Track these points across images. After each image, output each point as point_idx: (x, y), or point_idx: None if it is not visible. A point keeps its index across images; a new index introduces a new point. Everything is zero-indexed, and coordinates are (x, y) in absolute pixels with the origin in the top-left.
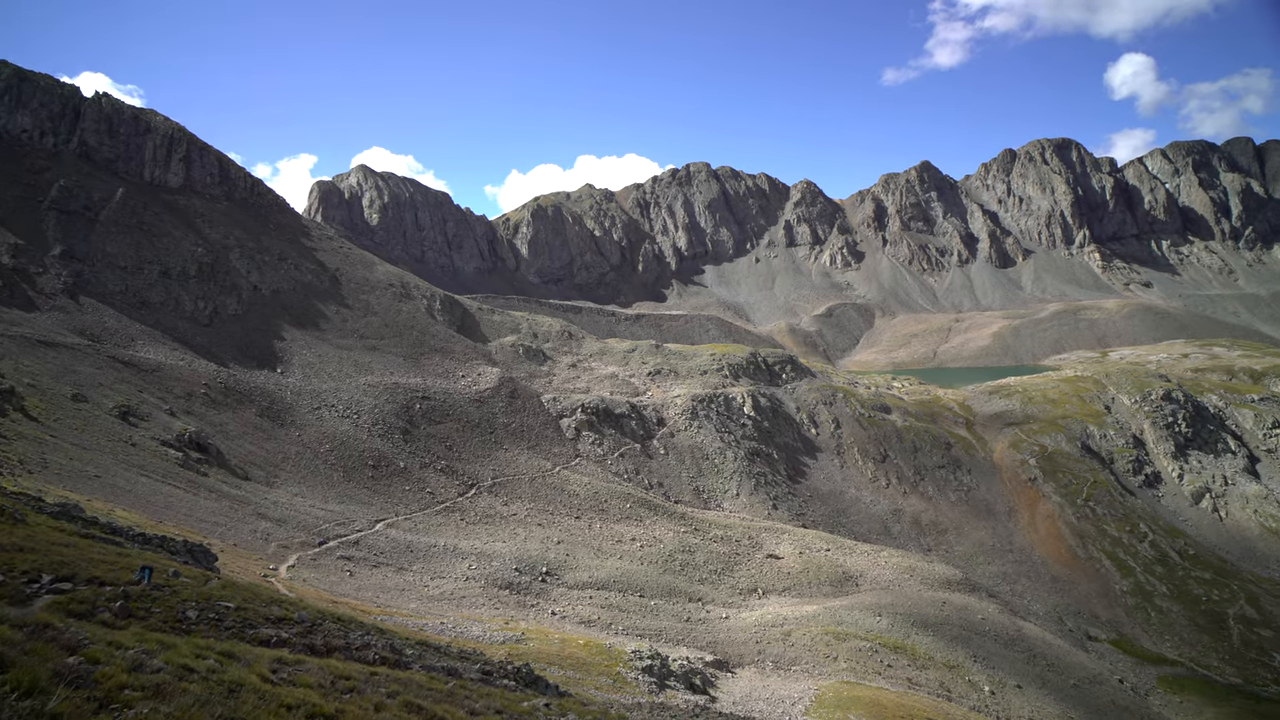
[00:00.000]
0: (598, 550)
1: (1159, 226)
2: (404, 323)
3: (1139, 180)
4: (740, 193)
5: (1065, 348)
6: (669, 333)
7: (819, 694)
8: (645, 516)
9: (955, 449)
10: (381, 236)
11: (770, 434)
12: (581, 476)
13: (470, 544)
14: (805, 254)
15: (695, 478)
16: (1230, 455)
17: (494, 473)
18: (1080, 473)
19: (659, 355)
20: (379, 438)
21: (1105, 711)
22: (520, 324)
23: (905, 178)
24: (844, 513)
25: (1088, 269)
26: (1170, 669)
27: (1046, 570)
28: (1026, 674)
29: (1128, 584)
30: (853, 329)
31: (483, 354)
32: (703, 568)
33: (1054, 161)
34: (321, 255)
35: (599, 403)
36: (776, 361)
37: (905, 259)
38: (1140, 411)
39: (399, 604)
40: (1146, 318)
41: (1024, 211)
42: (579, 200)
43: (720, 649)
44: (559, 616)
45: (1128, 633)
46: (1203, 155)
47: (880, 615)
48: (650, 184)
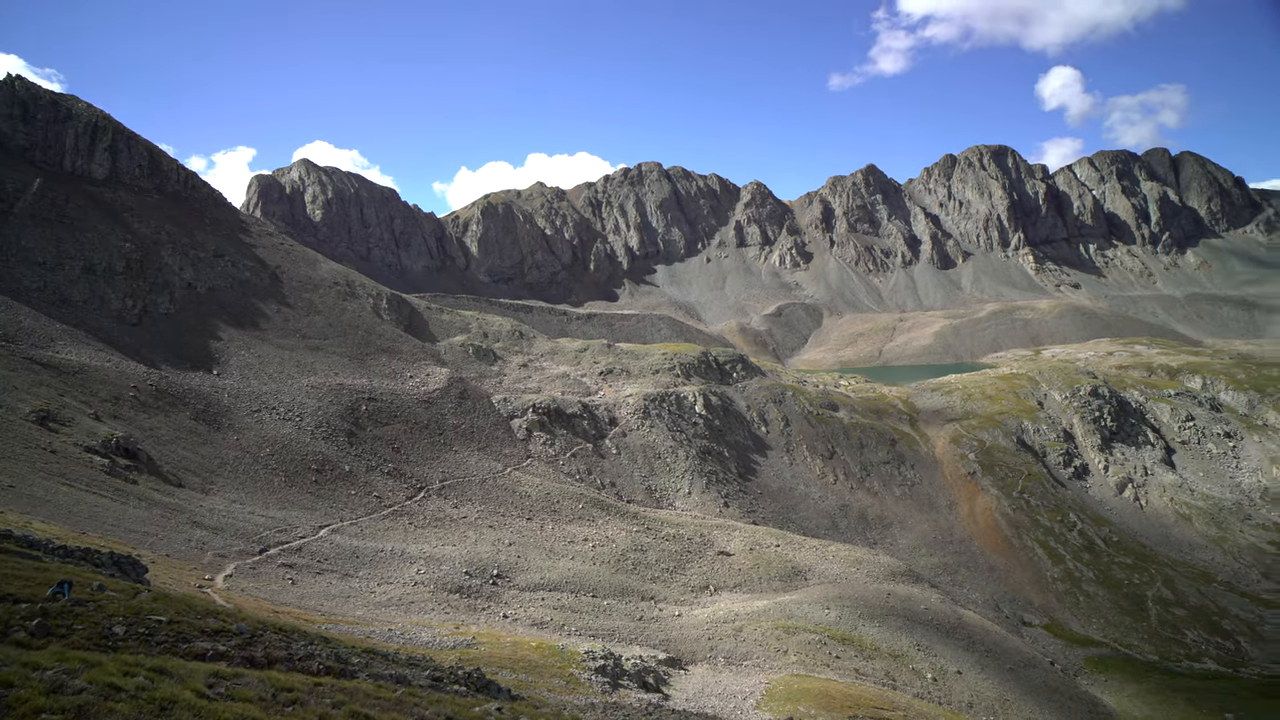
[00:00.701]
0: (550, 551)
1: (1087, 231)
2: (349, 322)
3: (1068, 187)
4: (692, 193)
5: (1002, 346)
6: (621, 332)
7: (770, 687)
8: (597, 516)
9: (899, 445)
10: (325, 233)
11: (721, 432)
12: (533, 477)
13: (419, 548)
14: (755, 254)
15: (647, 477)
16: (1150, 447)
17: (443, 475)
18: (1016, 466)
19: (611, 355)
20: (323, 440)
21: (1038, 693)
22: (470, 323)
23: (852, 180)
24: (793, 509)
25: (1022, 271)
26: (1096, 650)
27: (984, 560)
28: (966, 660)
29: (1058, 571)
30: (801, 328)
31: (431, 354)
32: (655, 566)
33: (991, 167)
34: (261, 252)
35: (550, 403)
36: (727, 360)
37: (852, 260)
38: (1070, 407)
39: (345, 611)
40: (1075, 317)
41: (963, 215)
42: (530, 198)
43: (673, 646)
44: (511, 619)
45: (1058, 617)
46: (1125, 165)
47: (829, 608)
48: (602, 183)
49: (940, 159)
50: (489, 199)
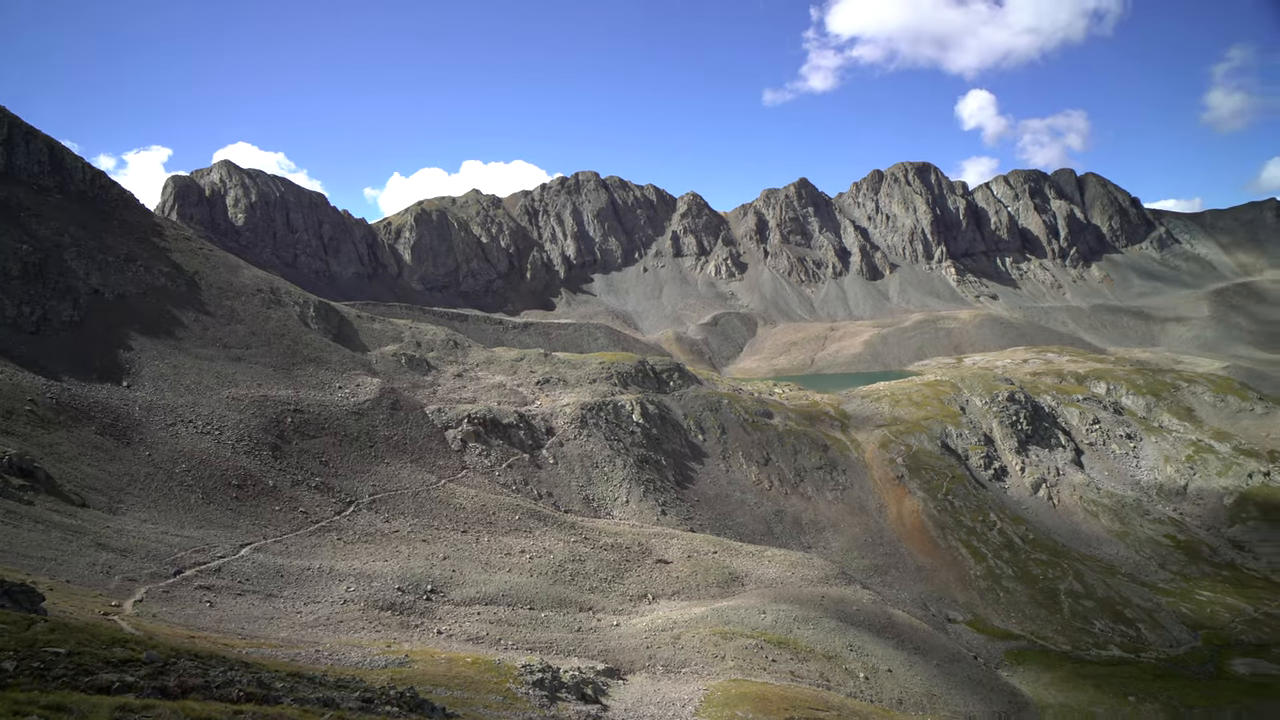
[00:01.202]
0: (486, 564)
1: (1003, 245)
2: (274, 331)
3: (986, 203)
4: (629, 203)
5: (926, 354)
6: (558, 341)
7: (708, 694)
8: (535, 527)
9: (832, 450)
10: (248, 238)
11: (659, 441)
12: (468, 489)
13: (348, 565)
14: (692, 264)
15: (585, 486)
16: (1061, 449)
17: (374, 488)
18: (940, 469)
19: (548, 364)
20: (245, 455)
21: (962, 686)
22: (403, 332)
23: (785, 193)
24: (730, 515)
25: (945, 282)
26: (1015, 643)
27: (912, 560)
28: (896, 658)
29: (980, 569)
30: (737, 337)
31: (362, 364)
32: (593, 576)
33: (915, 183)
34: (177, 257)
35: (486, 413)
36: (664, 369)
37: (785, 270)
38: (989, 412)
39: (268, 634)
40: (994, 327)
41: (890, 228)
42: (465, 206)
43: (612, 657)
44: (446, 635)
45: (981, 613)
46: (1036, 183)
47: (765, 613)
48: (539, 191)
49: (868, 174)
50: (423, 206)
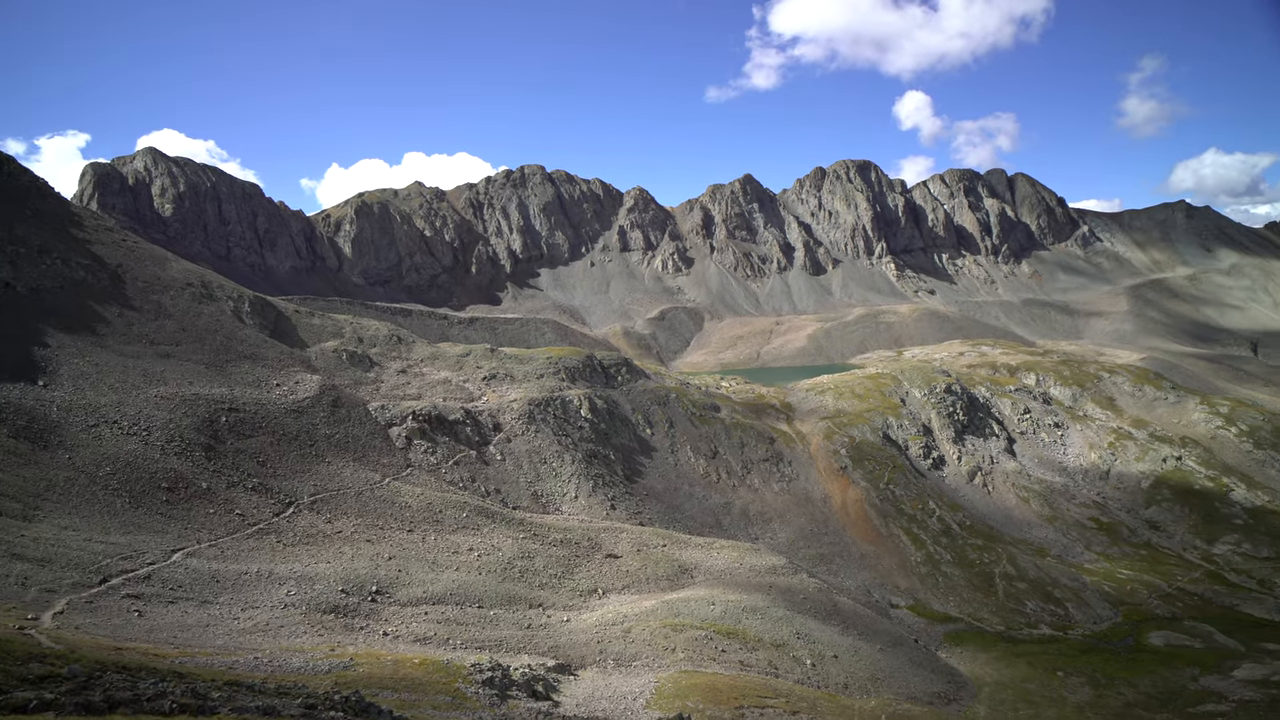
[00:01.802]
0: (433, 563)
1: (940, 242)
2: (206, 327)
3: (924, 201)
4: (575, 197)
5: (868, 348)
6: (504, 336)
7: (659, 686)
8: (483, 525)
9: (778, 443)
10: (177, 230)
11: (607, 435)
12: (414, 487)
13: (288, 568)
14: (639, 259)
15: (533, 482)
16: (995, 438)
17: (315, 488)
18: (882, 459)
19: (494, 359)
20: (175, 456)
21: (904, 669)
22: (344, 328)
23: (730, 189)
24: (679, 509)
25: (885, 278)
26: (953, 625)
27: (856, 549)
28: (841, 644)
29: (920, 555)
30: (684, 331)
31: (301, 360)
32: (543, 572)
33: (856, 180)
34: (99, 249)
35: (431, 409)
36: (612, 364)
37: (731, 265)
38: (928, 403)
39: (202, 642)
40: (932, 321)
41: (833, 225)
42: (408, 198)
43: (562, 653)
44: (392, 636)
45: (921, 598)
46: (970, 183)
47: (714, 604)
48: (484, 184)
49: (811, 171)
50: (363, 198)
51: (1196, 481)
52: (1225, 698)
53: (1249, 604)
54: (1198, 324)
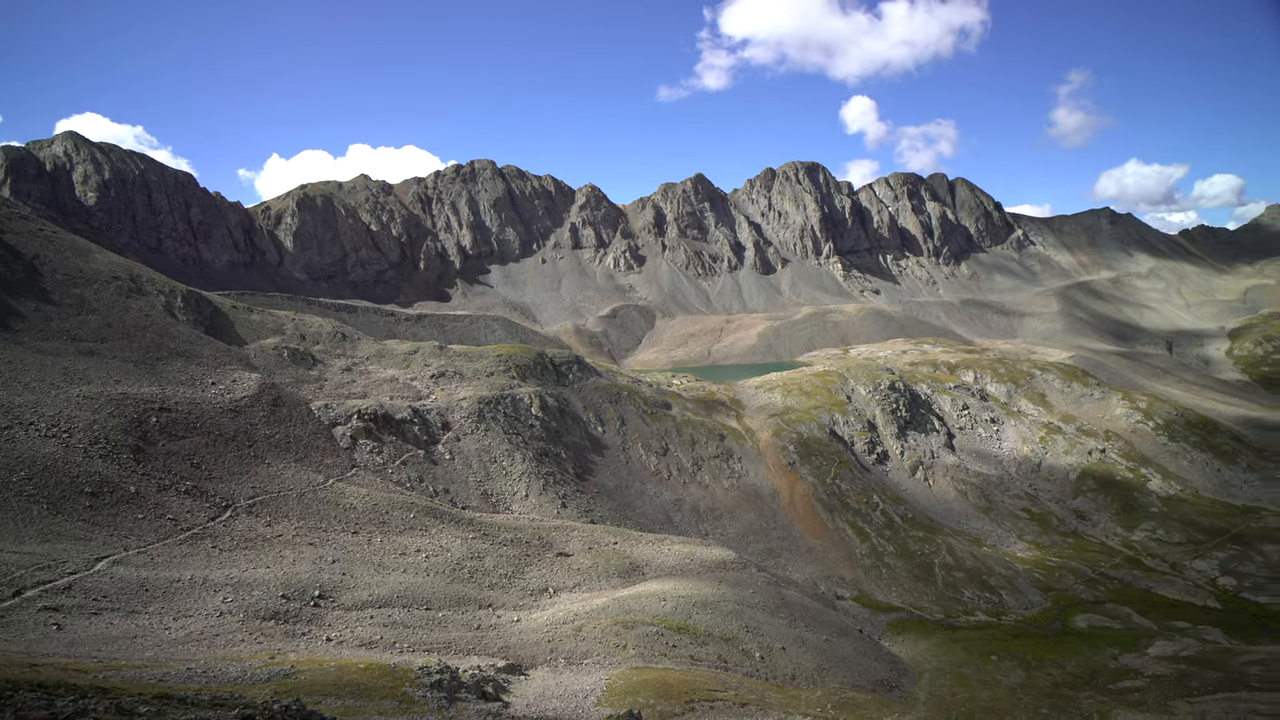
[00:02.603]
0: (379, 566)
1: (884, 243)
2: (135, 322)
3: (870, 203)
4: (526, 193)
5: (816, 346)
6: (453, 334)
7: (610, 683)
8: (431, 525)
9: (728, 440)
10: (101, 220)
11: (558, 434)
12: (359, 488)
13: (225, 574)
14: (590, 256)
15: (483, 481)
16: (935, 433)
17: (254, 490)
18: (829, 455)
19: (443, 357)
20: (100, 459)
21: (849, 658)
22: (285, 324)
23: (682, 188)
24: (630, 506)
25: (832, 277)
26: (896, 615)
27: (804, 543)
28: (789, 636)
29: (865, 548)
30: (635, 329)
31: (239, 358)
32: (493, 572)
33: (805, 182)
34: (12, 238)
35: (378, 408)
36: (563, 362)
37: (682, 264)
38: (873, 400)
39: (130, 655)
40: (877, 320)
41: (782, 225)
42: (353, 191)
43: (512, 653)
44: (335, 642)
45: (866, 589)
46: (914, 186)
47: (665, 600)
48: (433, 179)
49: (762, 172)
50: (306, 190)
51: (1118, 473)
52: (1141, 674)
53: (1163, 586)
54: (1120, 324)
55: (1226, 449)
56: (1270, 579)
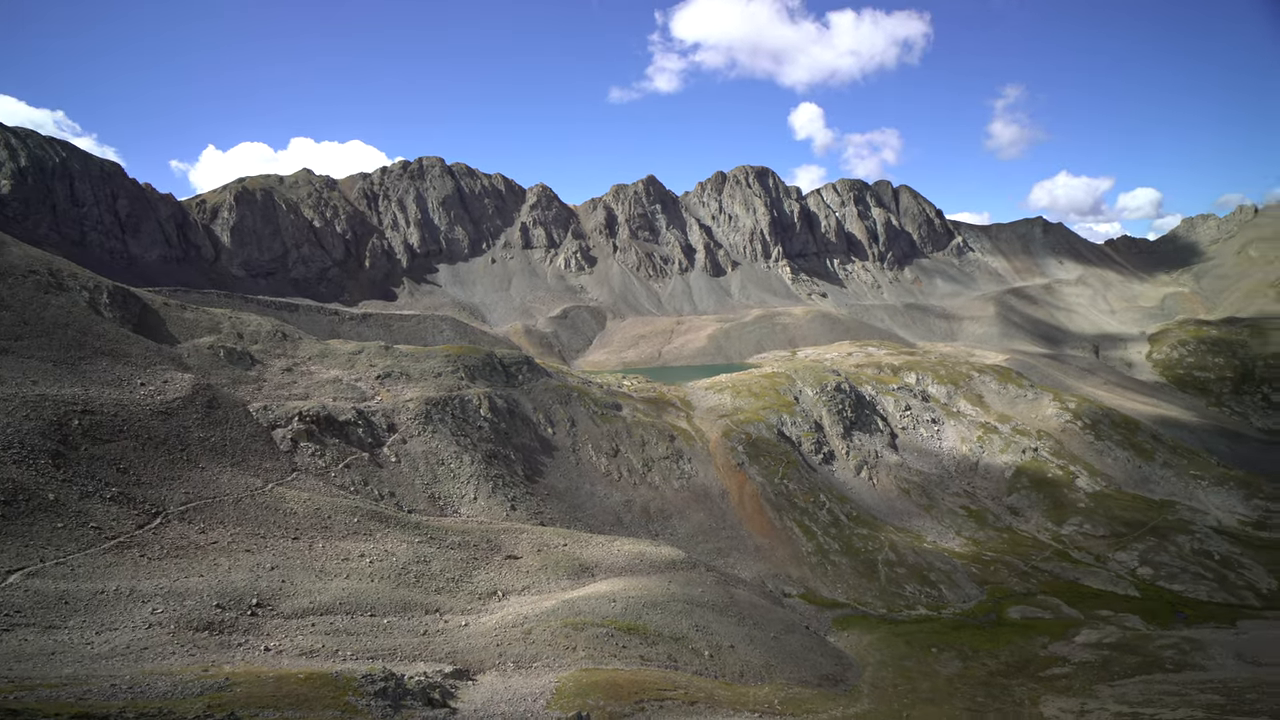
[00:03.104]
0: (320, 572)
1: (831, 247)
2: (55, 319)
3: (818, 208)
4: (476, 191)
5: (765, 348)
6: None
7: (559, 685)
8: (376, 530)
9: (678, 440)
10: (17, 210)
11: (508, 435)
12: (300, 492)
13: (154, 584)
14: (541, 256)
15: (430, 484)
16: (880, 433)
17: (187, 496)
18: (777, 455)
19: (389, 357)
20: (14, 465)
21: (796, 654)
22: (221, 322)
23: (634, 189)
24: (580, 507)
25: (781, 280)
26: (841, 611)
27: (752, 541)
28: (737, 634)
29: (811, 546)
30: (586, 330)
31: (171, 358)
32: (440, 577)
33: (755, 186)
34: None
35: (320, 410)
36: (513, 363)
37: (634, 265)
38: (820, 401)
39: (46, 673)
40: (824, 322)
41: (732, 228)
42: (295, 186)
43: (460, 658)
44: (275, 652)
45: (812, 586)
46: (860, 192)
47: (615, 601)
48: (379, 175)
49: (713, 175)
50: (245, 183)
51: (1049, 470)
52: (1068, 661)
53: (1089, 577)
54: (1051, 328)
55: (1146, 447)
56: (1182, 568)
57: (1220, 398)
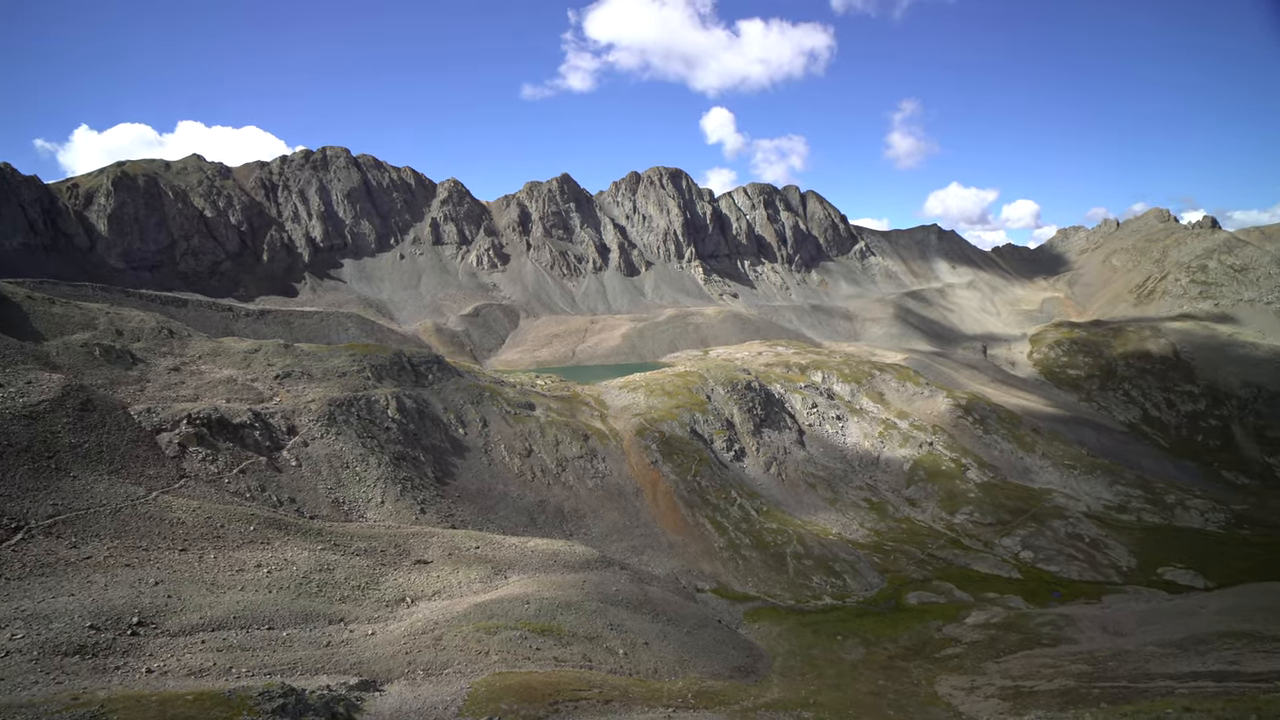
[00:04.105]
0: (212, 585)
1: (742, 249)
2: None
3: (729, 210)
4: (384, 184)
5: (678, 347)
6: (301, 331)
7: (472, 691)
8: (274, 538)
9: (592, 440)
10: None
11: (417, 436)
12: (189, 500)
13: (14, 606)
14: (452, 253)
15: (334, 489)
16: (788, 430)
17: (56, 508)
18: (690, 453)
19: (289, 356)
20: None
21: (709, 648)
22: (97, 318)
23: (548, 187)
24: (493, 509)
25: (694, 281)
26: (752, 603)
27: (666, 539)
28: (651, 631)
29: (723, 541)
30: (499, 329)
31: (36, 356)
32: (344, 585)
33: (669, 187)
34: None
35: (212, 412)
36: (423, 362)
37: (548, 264)
38: (731, 399)
39: None
40: (735, 322)
41: (646, 228)
42: (184, 173)
43: (366, 668)
44: (159, 673)
45: (724, 581)
46: (770, 196)
47: (529, 603)
48: (279, 164)
49: (627, 175)
50: (125, 168)
51: (943, 463)
52: (960, 641)
53: (978, 562)
54: (945, 328)
55: (1027, 439)
56: (1058, 550)
57: (1089, 393)
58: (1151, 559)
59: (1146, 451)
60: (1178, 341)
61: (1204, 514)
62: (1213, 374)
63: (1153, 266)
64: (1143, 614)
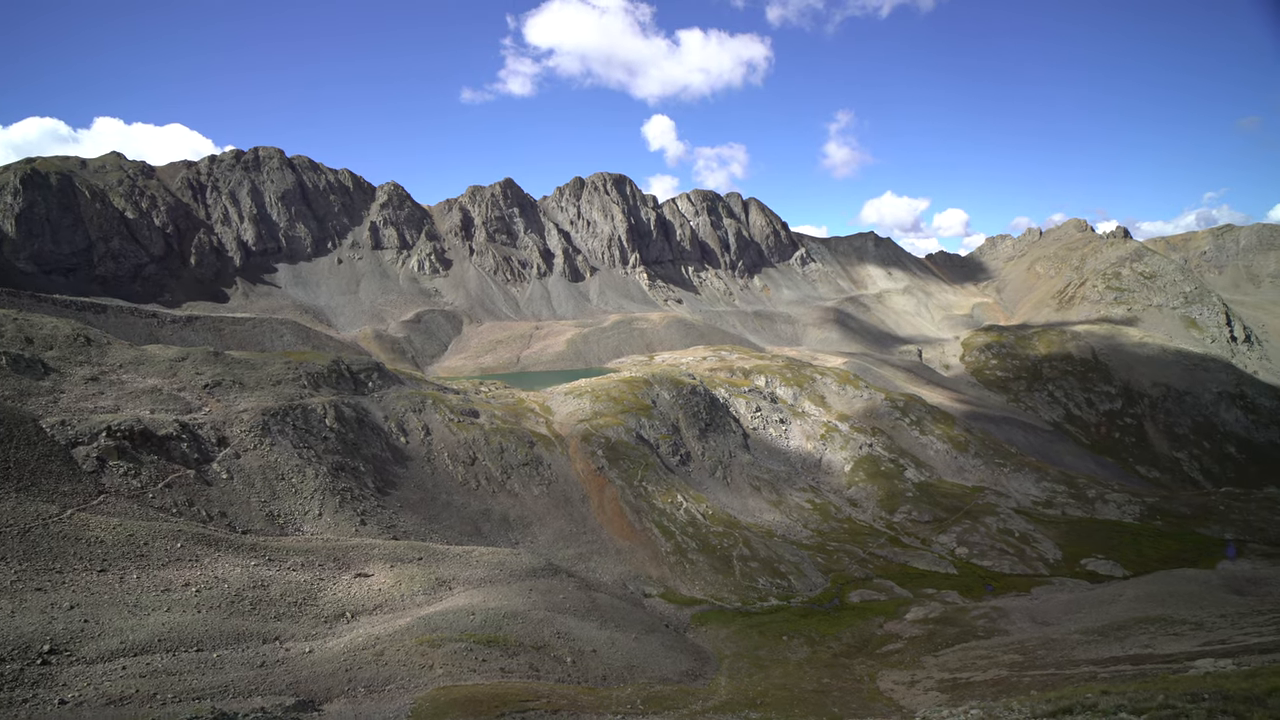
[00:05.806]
0: (135, 607)
1: (686, 255)
2: None
3: (673, 217)
4: (321, 187)
5: (623, 352)
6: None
7: (415, 707)
8: (203, 554)
9: (538, 447)
10: None
11: (356, 446)
12: (108, 518)
13: None
14: (393, 258)
15: (269, 501)
16: (733, 434)
17: None
18: (636, 458)
19: (219, 364)
20: None
21: (657, 653)
22: (3, 325)
23: (491, 191)
24: (436, 519)
25: (639, 286)
26: (699, 607)
27: (613, 545)
28: (599, 639)
29: (670, 545)
30: (442, 335)
31: None
32: (280, 601)
33: (613, 193)
34: None
35: (134, 423)
36: (362, 369)
37: (491, 269)
38: (676, 404)
39: None
40: (679, 328)
41: (591, 234)
42: (103, 171)
43: (304, 688)
44: (74, 704)
45: (672, 585)
46: (712, 203)
47: (474, 614)
48: (207, 164)
49: (571, 180)
50: (35, 165)
51: (882, 464)
52: (900, 637)
53: (916, 559)
54: (882, 333)
55: (961, 439)
56: (990, 545)
57: (1017, 394)
58: (1075, 551)
59: (1069, 449)
60: (1095, 344)
61: (1121, 507)
62: (1127, 375)
63: (1072, 273)
64: (1067, 604)
